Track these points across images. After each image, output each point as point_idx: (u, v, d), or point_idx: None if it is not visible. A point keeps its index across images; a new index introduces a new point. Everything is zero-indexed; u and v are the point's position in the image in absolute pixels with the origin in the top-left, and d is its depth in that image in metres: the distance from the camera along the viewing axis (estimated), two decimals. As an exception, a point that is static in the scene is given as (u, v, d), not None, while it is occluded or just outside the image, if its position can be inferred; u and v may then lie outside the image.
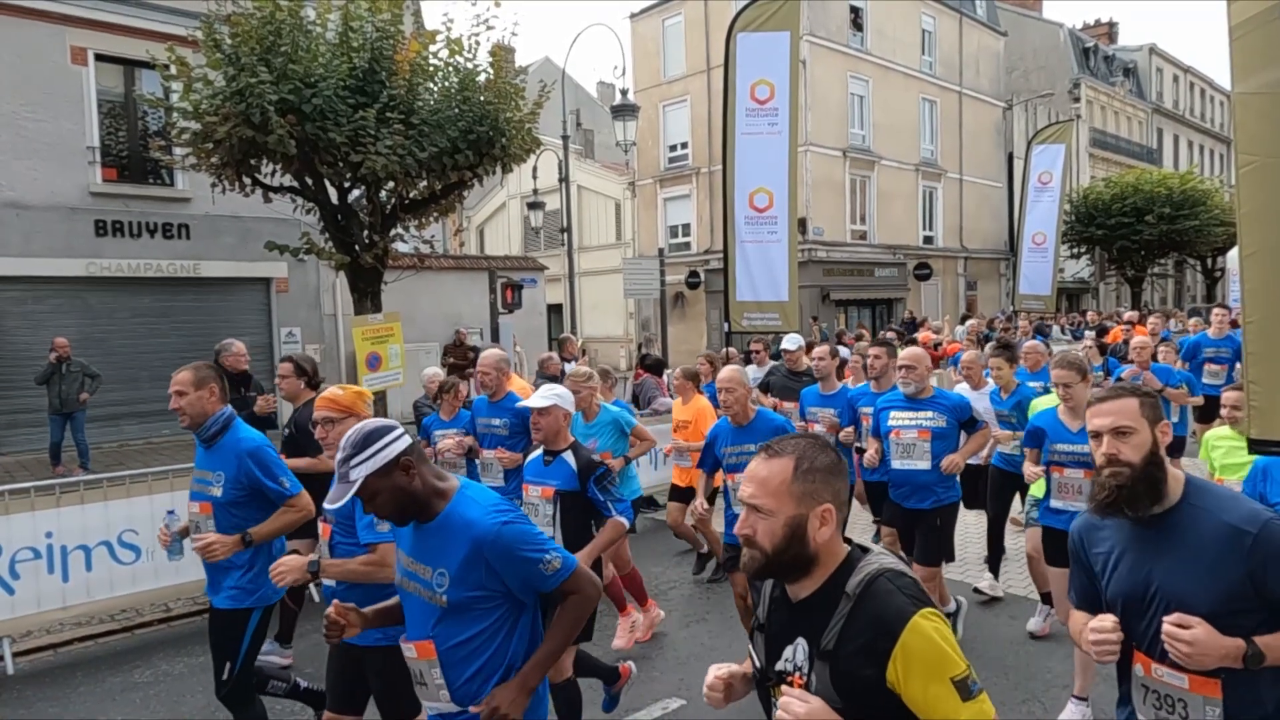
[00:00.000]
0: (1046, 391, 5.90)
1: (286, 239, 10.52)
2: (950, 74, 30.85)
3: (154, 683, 5.19)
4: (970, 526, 7.48)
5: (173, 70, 9.26)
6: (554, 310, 25.58)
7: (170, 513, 3.80)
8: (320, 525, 3.28)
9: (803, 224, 23.39)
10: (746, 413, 4.70)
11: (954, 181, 31.42)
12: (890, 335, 13.64)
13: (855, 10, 27.20)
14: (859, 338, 13.98)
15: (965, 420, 4.93)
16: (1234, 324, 8.77)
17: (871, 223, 28.06)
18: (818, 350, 6.59)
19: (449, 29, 10.10)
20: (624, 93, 16.44)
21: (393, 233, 10.83)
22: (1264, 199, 2.74)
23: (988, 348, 7.67)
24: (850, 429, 5.82)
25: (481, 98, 10.04)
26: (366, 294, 10.57)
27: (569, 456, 3.97)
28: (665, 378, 10.15)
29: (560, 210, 20.44)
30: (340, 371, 15.49)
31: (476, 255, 25.24)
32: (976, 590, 6.03)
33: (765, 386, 7.63)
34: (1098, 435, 2.14)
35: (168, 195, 14.13)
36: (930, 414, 4.85)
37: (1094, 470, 2.17)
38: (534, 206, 21.91)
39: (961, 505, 5.30)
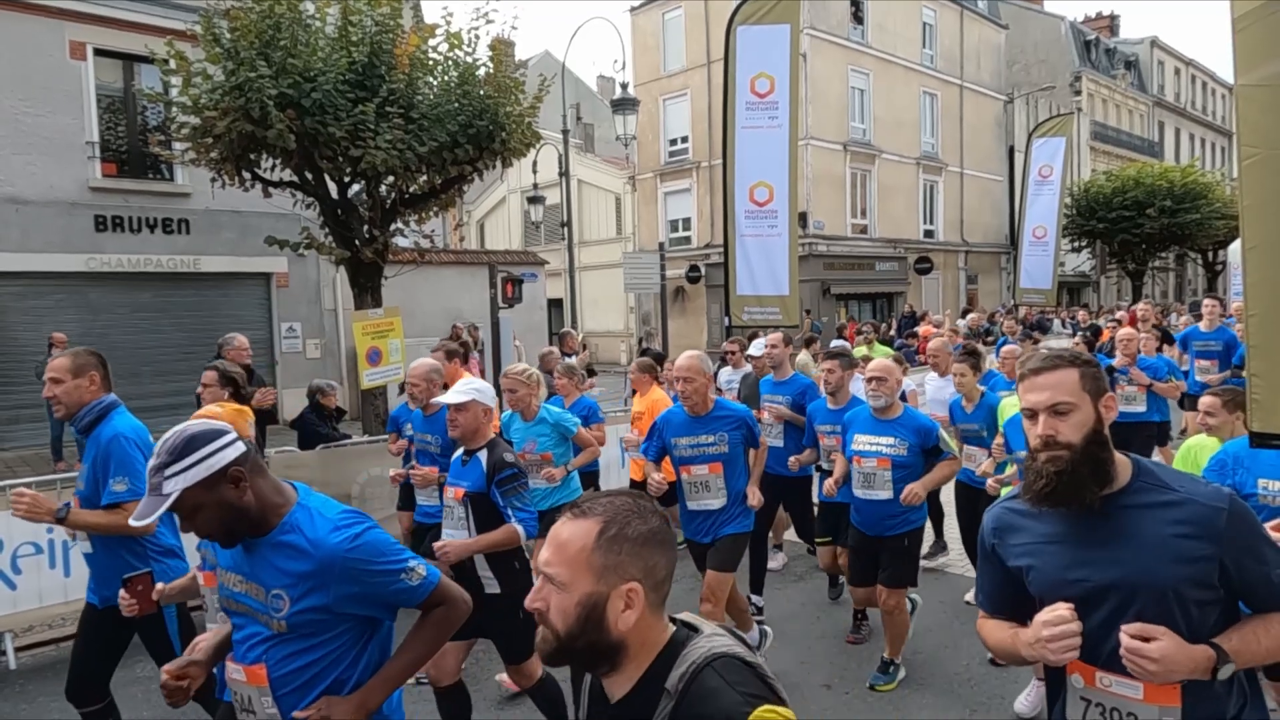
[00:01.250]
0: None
1: (286, 234, 10.51)
2: (951, 67, 30.77)
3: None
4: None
5: (172, 65, 9.24)
6: (554, 305, 25.56)
7: (66, 505, 3.60)
8: (201, 574, 2.91)
9: (803, 218, 23.35)
10: (706, 404, 4.47)
11: (955, 175, 31.36)
12: (867, 329, 13.55)
13: (856, 3, 27.13)
14: (859, 332, 13.93)
15: (930, 447, 4.61)
16: (1224, 315, 8.70)
17: (872, 217, 28.02)
18: (771, 338, 6.29)
19: (448, 23, 10.09)
20: (624, 87, 16.41)
21: (393, 227, 10.82)
22: (1266, 192, 2.73)
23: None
24: (811, 450, 5.55)
25: (481, 92, 10.02)
26: (367, 289, 10.57)
27: (483, 455, 3.72)
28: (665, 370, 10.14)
29: (560, 205, 20.40)
30: (341, 366, 15.50)
31: (476, 250, 25.23)
32: (968, 603, 5.91)
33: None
34: (1032, 413, 1.86)
35: (167, 190, 14.12)
36: (892, 440, 4.58)
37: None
38: (534, 201, 21.88)
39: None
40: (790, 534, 7.19)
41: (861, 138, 27.46)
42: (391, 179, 9.92)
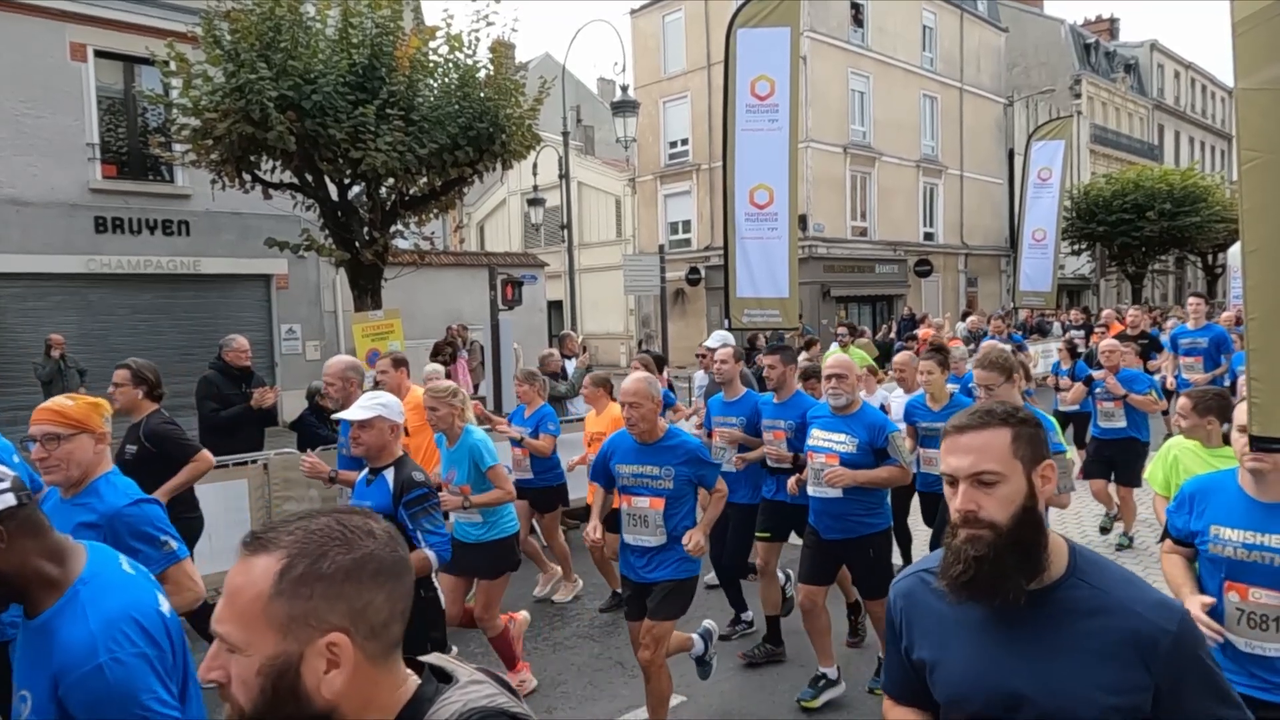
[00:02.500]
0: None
1: (287, 235, 10.51)
2: (951, 70, 30.81)
3: None
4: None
5: (172, 66, 9.26)
6: (554, 307, 25.57)
7: None
8: None
9: (803, 220, 23.36)
10: (654, 431, 4.06)
11: (954, 178, 31.39)
12: (842, 331, 13.46)
13: (856, 6, 27.17)
14: (840, 333, 13.76)
15: (879, 448, 4.41)
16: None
17: (872, 219, 28.04)
18: (720, 353, 5.85)
19: (449, 25, 10.10)
20: (624, 89, 16.43)
21: (393, 229, 10.84)
22: (1266, 195, 2.73)
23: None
24: (760, 449, 5.34)
25: (481, 94, 10.04)
26: (367, 291, 10.58)
27: (389, 474, 3.49)
28: (665, 373, 10.13)
29: (560, 207, 20.42)
30: (340, 368, 15.50)
31: (477, 252, 25.22)
32: None
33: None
34: (953, 480, 1.57)
35: (167, 192, 14.12)
36: (843, 437, 4.44)
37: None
38: (534, 203, 21.91)
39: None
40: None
41: (861, 140, 27.48)
42: (391, 181, 9.94)
